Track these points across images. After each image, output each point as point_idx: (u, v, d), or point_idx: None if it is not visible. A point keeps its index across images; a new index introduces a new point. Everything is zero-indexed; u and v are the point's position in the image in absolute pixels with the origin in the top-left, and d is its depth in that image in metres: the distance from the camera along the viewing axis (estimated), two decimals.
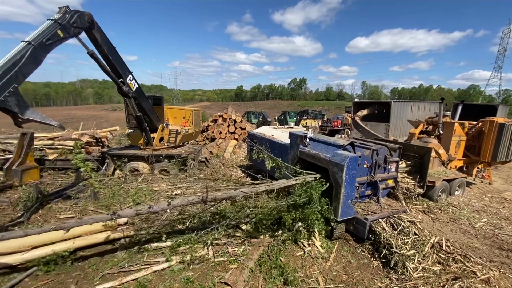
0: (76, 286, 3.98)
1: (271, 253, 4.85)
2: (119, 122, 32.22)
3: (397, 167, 6.79)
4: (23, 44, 4.97)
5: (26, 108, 4.97)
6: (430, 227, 5.98)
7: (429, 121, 10.93)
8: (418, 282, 4.39)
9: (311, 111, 28.39)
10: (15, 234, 3.81)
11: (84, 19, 6.01)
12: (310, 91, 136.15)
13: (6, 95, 4.58)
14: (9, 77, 4.62)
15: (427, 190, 7.56)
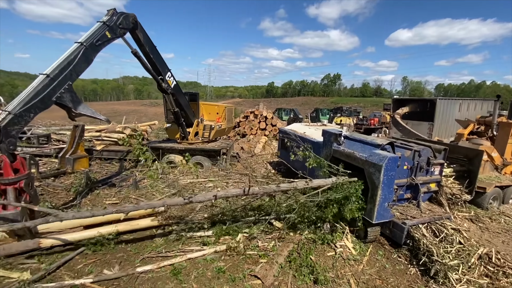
0: (119, 266, 4.35)
1: (301, 251, 4.82)
2: (156, 116, 34.12)
3: (442, 170, 6.26)
4: (76, 45, 5.48)
5: (78, 103, 5.49)
6: (478, 236, 5.46)
7: (481, 121, 9.88)
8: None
9: (346, 108, 27.27)
10: (84, 214, 4.33)
11: (129, 20, 6.44)
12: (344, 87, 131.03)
13: (62, 91, 5.08)
14: (65, 75, 5.11)
15: (476, 196, 6.87)
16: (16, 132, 4.50)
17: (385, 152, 5.16)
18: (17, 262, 4.29)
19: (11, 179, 4.32)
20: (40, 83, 4.79)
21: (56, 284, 3.80)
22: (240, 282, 4.08)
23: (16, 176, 4.37)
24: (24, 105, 4.51)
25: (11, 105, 4.50)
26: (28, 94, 4.63)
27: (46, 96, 4.80)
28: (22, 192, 4.50)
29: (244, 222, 5.44)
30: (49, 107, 4.96)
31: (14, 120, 4.40)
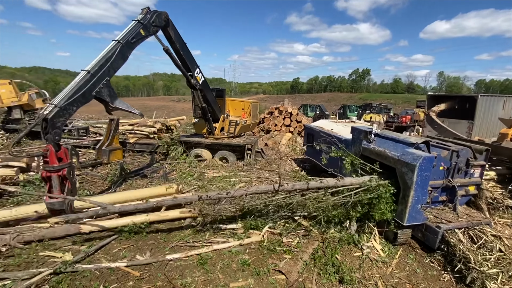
0: (151, 253, 4.60)
1: (326, 249, 4.74)
2: (184, 112, 35.23)
3: (482, 172, 5.79)
4: (113, 42, 5.79)
5: (115, 98, 5.84)
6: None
7: None
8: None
9: (375, 105, 26.08)
10: (128, 208, 4.79)
11: (161, 18, 6.68)
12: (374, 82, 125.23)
13: (101, 86, 5.42)
14: (103, 71, 5.44)
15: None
16: (61, 124, 4.88)
17: (419, 151, 4.88)
18: (61, 244, 4.71)
19: (56, 167, 4.63)
20: (82, 78, 5.15)
21: (94, 265, 4.12)
22: (264, 276, 4.13)
23: (60, 164, 4.73)
24: (68, 99, 4.88)
25: (57, 99, 4.88)
26: (72, 89, 5.01)
27: (87, 91, 5.16)
28: (64, 180, 4.86)
29: (269, 217, 5.47)
30: (90, 101, 5.32)
31: (60, 113, 4.78)
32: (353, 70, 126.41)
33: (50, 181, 4.67)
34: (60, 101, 4.82)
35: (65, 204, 4.69)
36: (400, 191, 4.83)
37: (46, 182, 4.73)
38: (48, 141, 4.62)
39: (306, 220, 5.63)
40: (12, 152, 4.71)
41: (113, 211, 4.68)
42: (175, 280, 3.92)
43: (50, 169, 4.62)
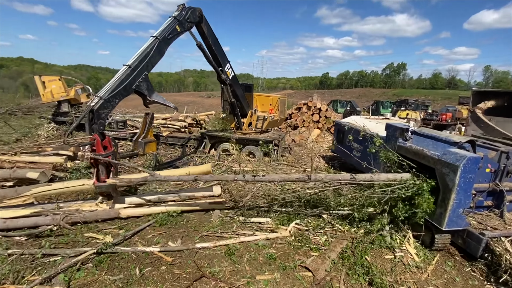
0: (181, 240, 4.83)
1: (356, 250, 4.60)
2: (212, 107, 36.12)
3: None
4: (151, 39, 6.08)
5: (152, 92, 6.16)
6: None
7: None
8: None
9: (412, 101, 24.43)
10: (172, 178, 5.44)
11: (195, 14, 6.86)
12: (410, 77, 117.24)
13: (140, 81, 5.75)
14: (142, 66, 5.76)
15: None
16: (105, 115, 5.27)
17: (463, 151, 4.49)
18: (102, 227, 5.13)
19: (102, 154, 4.99)
20: (124, 73, 5.49)
21: (131, 248, 4.42)
22: (291, 272, 4.13)
23: (105, 152, 5.06)
24: (111, 91, 5.24)
25: (101, 92, 5.27)
26: (114, 82, 5.37)
27: (128, 84, 5.51)
28: (109, 166, 5.21)
29: (297, 212, 5.44)
30: (130, 94, 5.70)
31: (104, 105, 5.16)
32: (387, 65, 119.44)
33: (97, 167, 5.08)
34: (104, 93, 5.19)
35: (111, 188, 5.13)
36: (440, 193, 4.51)
37: (94, 168, 5.12)
38: (94, 131, 4.98)
39: (335, 218, 5.50)
40: (67, 142, 5.23)
41: (160, 179, 5.12)
42: (204, 268, 4.08)
43: (97, 157, 4.98)
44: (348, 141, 8.19)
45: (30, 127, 15.00)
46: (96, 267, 3.99)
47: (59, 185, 5.69)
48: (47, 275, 3.63)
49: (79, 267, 3.92)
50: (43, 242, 4.49)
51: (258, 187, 7.11)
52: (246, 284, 3.81)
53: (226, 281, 3.84)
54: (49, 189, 5.57)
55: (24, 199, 5.54)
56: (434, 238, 4.75)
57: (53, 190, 5.59)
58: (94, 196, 5.85)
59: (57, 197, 6.14)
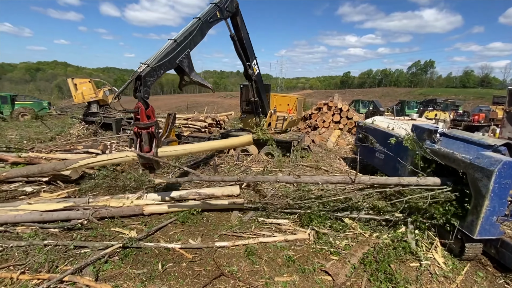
0: (201, 238, 4.93)
1: (378, 255, 4.44)
2: (231, 107, 36.48)
3: None
4: (195, 20, 6.24)
5: (192, 70, 6.23)
6: None
7: None
8: None
9: (441, 101, 23.13)
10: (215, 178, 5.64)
11: (233, 5, 7.20)
12: (438, 76, 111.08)
13: (183, 57, 5.85)
14: (186, 43, 5.86)
15: None
16: (150, 83, 5.21)
17: (498, 154, 4.19)
18: (127, 223, 5.37)
19: (146, 124, 4.87)
20: (169, 46, 5.58)
21: (154, 244, 4.59)
22: (310, 275, 4.07)
23: (149, 122, 4.92)
24: (158, 61, 5.25)
25: (149, 60, 5.23)
26: (161, 53, 5.43)
27: (173, 58, 5.61)
28: (152, 136, 5.06)
29: (317, 215, 5.35)
30: (174, 67, 5.78)
31: (151, 72, 5.12)
32: (414, 62, 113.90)
33: (140, 137, 5.00)
34: (152, 61, 5.17)
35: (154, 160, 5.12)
36: (471, 199, 4.24)
37: (137, 137, 5.05)
38: (138, 98, 4.85)
39: (357, 222, 5.35)
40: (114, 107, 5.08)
41: (204, 179, 5.23)
42: (223, 267, 4.14)
43: (141, 126, 4.88)
44: (371, 142, 7.93)
45: (63, 126, 16.08)
46: (122, 260, 4.19)
47: (104, 157, 6.39)
48: (78, 266, 3.86)
49: (107, 260, 4.14)
50: (75, 235, 4.80)
51: (277, 188, 7.10)
52: (264, 284, 3.82)
53: (244, 280, 3.87)
54: (94, 161, 6.27)
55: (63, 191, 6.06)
56: (465, 246, 4.46)
57: (98, 161, 6.34)
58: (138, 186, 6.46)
59: (88, 192, 6.54)
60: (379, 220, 5.33)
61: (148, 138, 4.99)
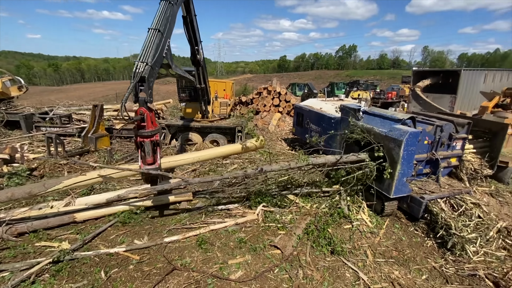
0: (148, 237, 4.68)
1: (318, 224, 4.98)
2: (169, 95, 34.25)
3: (464, 144, 6.09)
4: (166, 3, 5.41)
5: (173, 62, 5.75)
6: (497, 211, 5.43)
7: (507, 93, 9.33)
8: (478, 266, 4.15)
9: (362, 82, 26.18)
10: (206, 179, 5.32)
11: None
12: (360, 59, 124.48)
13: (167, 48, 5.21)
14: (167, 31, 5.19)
15: (498, 171, 6.70)
16: (152, 85, 4.54)
17: (406, 127, 5.04)
18: (56, 234, 4.70)
19: (153, 131, 4.28)
20: (155, 37, 4.84)
21: (93, 252, 4.17)
22: (261, 252, 4.32)
23: (154, 129, 4.32)
24: (153, 57, 4.55)
25: (143, 57, 4.50)
26: (150, 46, 4.66)
27: (161, 51, 4.91)
28: (156, 145, 4.46)
29: (263, 196, 5.62)
30: (161, 63, 5.11)
31: (152, 71, 4.46)
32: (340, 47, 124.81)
33: (142, 148, 4.37)
34: (147, 58, 4.48)
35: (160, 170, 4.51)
36: (387, 166, 5.03)
37: (138, 148, 4.40)
38: (141, 103, 4.23)
39: (298, 197, 5.82)
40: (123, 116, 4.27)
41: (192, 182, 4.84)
42: (175, 261, 4.05)
43: (146, 134, 4.23)
44: (307, 123, 8.57)
45: None
46: (54, 277, 3.70)
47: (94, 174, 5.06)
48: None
49: (34, 280, 3.60)
50: None
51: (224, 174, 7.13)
52: (218, 269, 3.91)
53: (198, 270, 3.88)
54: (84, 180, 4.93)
55: None
56: (384, 205, 5.35)
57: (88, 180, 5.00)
58: None
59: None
60: (318, 192, 5.91)
61: (152, 148, 4.39)
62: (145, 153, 4.34)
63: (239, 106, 17.23)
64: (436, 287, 3.81)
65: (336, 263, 4.17)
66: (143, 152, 4.37)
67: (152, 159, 4.40)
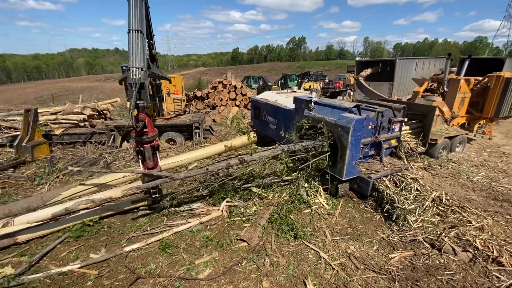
0: (106, 249, 4.38)
1: (281, 212, 5.21)
2: (115, 93, 31.63)
3: (401, 127, 6.89)
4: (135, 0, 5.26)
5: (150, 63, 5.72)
6: (430, 182, 6.29)
7: (434, 78, 10.69)
8: (417, 231, 4.80)
9: (313, 73, 27.50)
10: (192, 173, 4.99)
11: None
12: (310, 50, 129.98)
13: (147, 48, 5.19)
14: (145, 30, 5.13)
15: (429, 148, 7.76)
16: (146, 89, 4.57)
17: (352, 114, 5.50)
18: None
19: (152, 137, 4.45)
20: (139, 39, 4.83)
21: (43, 274, 3.76)
22: (228, 247, 4.38)
23: (153, 134, 4.48)
24: (143, 60, 4.62)
25: (135, 62, 4.54)
26: (137, 50, 4.68)
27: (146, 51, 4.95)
28: (155, 149, 4.66)
29: (226, 191, 5.65)
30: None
31: (146, 76, 4.53)
32: (290, 39, 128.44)
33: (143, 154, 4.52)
34: (139, 63, 4.54)
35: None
36: (339, 151, 5.46)
37: (139, 154, 4.56)
38: (141, 109, 4.34)
39: (261, 189, 5.98)
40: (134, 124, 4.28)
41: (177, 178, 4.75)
42: (138, 270, 3.88)
43: (148, 140, 4.42)
44: (264, 116, 8.76)
45: None
46: None
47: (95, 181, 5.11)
48: None
49: None
50: None
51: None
52: (186, 271, 3.86)
53: (164, 275, 3.79)
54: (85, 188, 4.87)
55: None
56: (338, 187, 5.82)
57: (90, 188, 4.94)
58: None
59: None
60: (279, 182, 6.15)
61: (152, 152, 4.59)
62: (146, 158, 4.54)
63: (194, 102, 16.76)
64: (385, 255, 4.32)
65: (299, 247, 4.44)
66: (143, 157, 4.56)
67: (153, 163, 4.64)
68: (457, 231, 4.60)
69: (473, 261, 4.08)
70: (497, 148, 9.82)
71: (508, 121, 12.76)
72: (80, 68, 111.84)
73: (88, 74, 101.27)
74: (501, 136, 11.60)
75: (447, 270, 3.91)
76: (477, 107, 9.78)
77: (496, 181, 6.90)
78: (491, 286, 3.63)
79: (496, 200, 5.89)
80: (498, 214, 5.30)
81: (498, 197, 5.99)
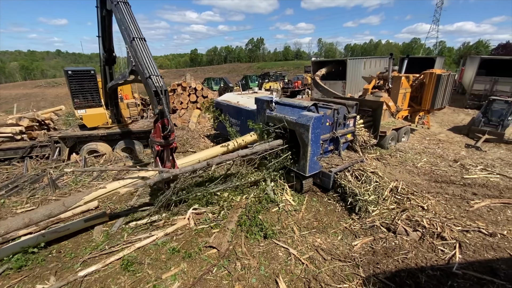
0: (55, 276, 3.90)
1: (249, 213, 5.19)
2: (59, 100, 28.56)
3: (355, 122, 7.37)
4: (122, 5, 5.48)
5: None
6: (382, 171, 6.84)
7: (380, 76, 11.72)
8: (375, 218, 5.17)
9: (272, 73, 28.09)
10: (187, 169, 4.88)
11: None
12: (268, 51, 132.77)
13: None
14: None
15: (380, 139, 8.45)
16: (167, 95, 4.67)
17: (311, 113, 5.72)
18: None
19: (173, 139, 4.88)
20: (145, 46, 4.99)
21: None
22: (196, 256, 4.21)
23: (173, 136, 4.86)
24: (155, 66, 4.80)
25: (152, 70, 4.73)
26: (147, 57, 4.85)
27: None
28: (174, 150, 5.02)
29: (191, 199, 5.44)
30: None
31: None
32: (249, 40, 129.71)
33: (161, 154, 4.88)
34: (155, 70, 4.73)
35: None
36: (301, 149, 5.64)
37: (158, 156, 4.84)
38: (165, 114, 4.59)
39: (227, 191, 5.90)
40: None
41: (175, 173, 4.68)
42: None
43: (170, 142, 4.82)
44: (226, 118, 8.67)
45: None
46: None
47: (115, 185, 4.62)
48: None
49: None
50: None
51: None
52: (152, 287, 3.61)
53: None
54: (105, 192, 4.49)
55: None
56: (303, 183, 6.00)
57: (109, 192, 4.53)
58: None
59: None
60: (245, 184, 6.12)
61: (171, 153, 5.00)
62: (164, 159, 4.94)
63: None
64: (348, 243, 4.57)
65: (269, 246, 4.47)
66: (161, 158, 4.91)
67: (170, 164, 5.01)
68: (408, 213, 5.07)
69: (422, 239, 4.54)
70: (434, 136, 11.12)
71: (441, 112, 14.55)
72: (14, 73, 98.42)
73: (25, 79, 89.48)
74: (437, 125, 13.15)
75: (401, 250, 4.28)
76: (416, 100, 10.95)
77: (436, 165, 7.79)
78: (437, 259, 4.06)
79: (436, 182, 6.64)
80: (438, 195, 5.97)
81: (437, 179, 6.77)
